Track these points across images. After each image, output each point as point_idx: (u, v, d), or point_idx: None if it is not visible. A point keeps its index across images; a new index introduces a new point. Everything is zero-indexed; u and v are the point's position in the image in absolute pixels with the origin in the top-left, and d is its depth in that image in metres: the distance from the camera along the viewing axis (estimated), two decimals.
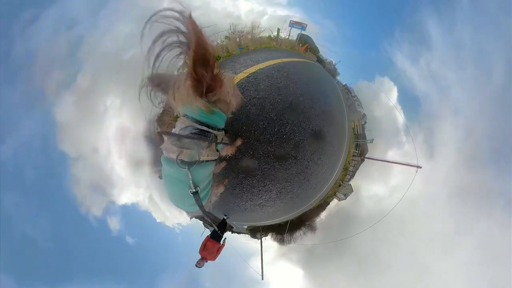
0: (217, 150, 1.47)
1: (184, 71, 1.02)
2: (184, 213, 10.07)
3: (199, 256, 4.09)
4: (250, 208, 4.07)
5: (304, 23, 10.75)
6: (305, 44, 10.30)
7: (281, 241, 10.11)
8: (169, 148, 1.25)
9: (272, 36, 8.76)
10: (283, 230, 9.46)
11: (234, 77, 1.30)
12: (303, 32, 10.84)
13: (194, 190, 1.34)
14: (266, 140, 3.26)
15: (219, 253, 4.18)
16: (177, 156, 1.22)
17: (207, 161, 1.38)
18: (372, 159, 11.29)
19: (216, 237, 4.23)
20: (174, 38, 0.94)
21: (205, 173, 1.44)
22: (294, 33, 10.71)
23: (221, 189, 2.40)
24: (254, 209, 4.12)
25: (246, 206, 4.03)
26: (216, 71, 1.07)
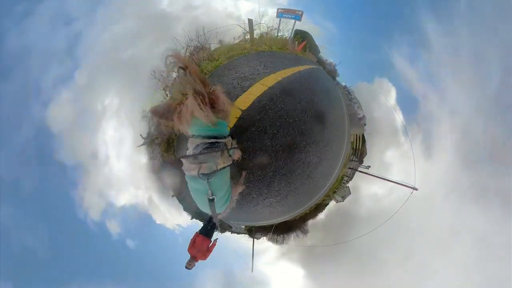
0: (230, 155, 1.65)
1: (182, 96, 1.24)
2: (184, 214, 10.13)
3: (188, 256, 3.65)
4: (245, 208, 3.91)
5: (298, 11, 8.05)
6: (304, 41, 8.35)
7: (275, 241, 10.42)
8: (189, 168, 1.44)
9: (244, 35, 6.23)
10: (277, 231, 9.77)
11: (221, 87, 1.48)
12: (298, 25, 8.49)
13: (210, 197, 1.52)
14: (268, 144, 3.18)
15: (211, 252, 3.80)
16: (198, 171, 1.37)
17: (224, 167, 1.56)
18: (367, 174, 11.09)
19: (206, 233, 3.82)
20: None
21: (223, 179, 1.65)
22: (285, 28, 7.88)
23: (240, 188, 2.57)
24: (249, 210, 3.97)
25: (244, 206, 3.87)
26: (209, 88, 1.30)
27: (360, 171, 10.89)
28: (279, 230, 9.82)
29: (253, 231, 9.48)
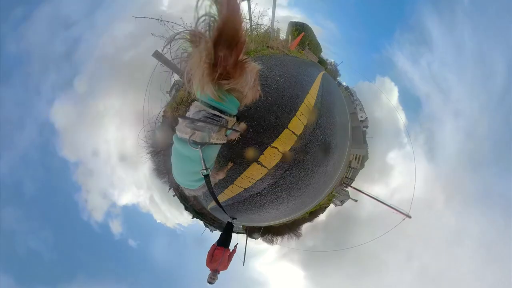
0: (226, 135, 1.57)
1: (205, 47, 0.89)
2: (185, 213, 10.20)
3: (207, 270, 3.59)
4: (246, 209, 3.89)
5: None
6: (301, 33, 6.21)
7: (271, 242, 10.60)
8: (182, 129, 1.37)
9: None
10: (270, 233, 9.94)
11: (258, 68, 1.23)
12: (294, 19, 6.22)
13: (206, 172, 1.42)
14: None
15: (231, 260, 3.76)
16: (190, 137, 1.32)
17: (215, 143, 1.49)
18: (363, 193, 10.70)
19: (224, 243, 3.77)
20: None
21: (212, 155, 1.57)
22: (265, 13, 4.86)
23: (221, 175, 2.48)
24: (249, 211, 3.93)
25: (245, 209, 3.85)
26: (241, 57, 0.98)
27: (354, 188, 10.66)
28: (272, 232, 10.05)
29: (247, 231, 9.65)
